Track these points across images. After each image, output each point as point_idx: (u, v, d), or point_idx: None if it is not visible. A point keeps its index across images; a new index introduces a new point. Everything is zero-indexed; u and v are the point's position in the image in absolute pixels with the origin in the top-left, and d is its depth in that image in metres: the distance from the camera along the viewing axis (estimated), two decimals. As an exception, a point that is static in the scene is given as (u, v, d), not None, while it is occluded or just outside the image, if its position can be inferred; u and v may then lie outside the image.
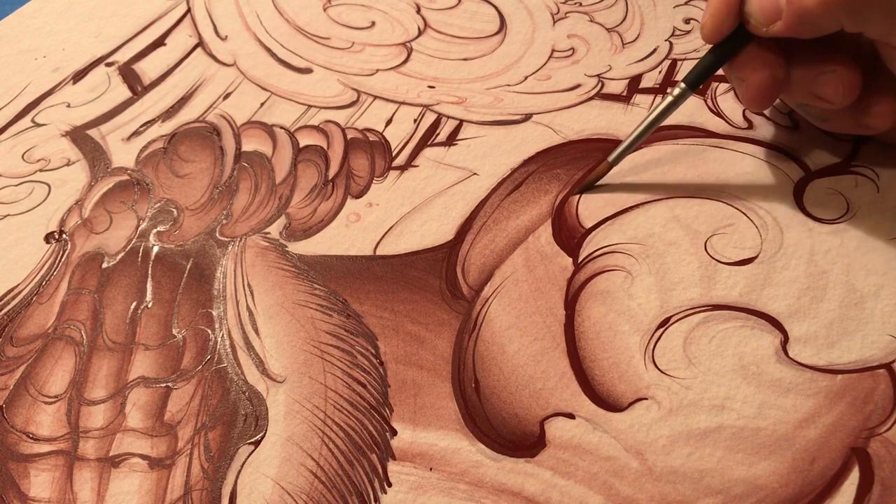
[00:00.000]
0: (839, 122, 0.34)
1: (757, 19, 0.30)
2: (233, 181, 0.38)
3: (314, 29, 0.45)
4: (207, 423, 0.31)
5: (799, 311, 0.32)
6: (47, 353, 0.33)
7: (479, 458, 0.29)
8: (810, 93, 0.32)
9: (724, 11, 0.31)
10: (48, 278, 0.35)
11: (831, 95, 0.31)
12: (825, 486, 0.28)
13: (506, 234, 0.35)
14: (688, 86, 0.33)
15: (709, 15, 0.31)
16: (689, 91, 0.33)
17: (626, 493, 0.28)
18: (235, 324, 0.33)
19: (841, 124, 0.34)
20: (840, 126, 0.34)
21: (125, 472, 0.30)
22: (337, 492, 0.29)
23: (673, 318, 0.32)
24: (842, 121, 0.33)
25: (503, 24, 0.44)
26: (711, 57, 0.32)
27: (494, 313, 0.33)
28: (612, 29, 0.43)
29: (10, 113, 0.42)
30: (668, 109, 0.34)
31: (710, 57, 0.32)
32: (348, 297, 0.34)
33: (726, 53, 0.32)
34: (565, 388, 0.31)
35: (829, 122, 0.34)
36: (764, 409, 0.29)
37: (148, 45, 0.45)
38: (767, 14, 0.30)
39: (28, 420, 0.31)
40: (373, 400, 0.31)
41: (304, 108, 0.41)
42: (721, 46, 0.32)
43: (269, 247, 0.36)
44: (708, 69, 0.33)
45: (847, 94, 0.31)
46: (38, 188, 0.39)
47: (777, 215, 0.34)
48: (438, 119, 0.40)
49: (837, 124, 0.34)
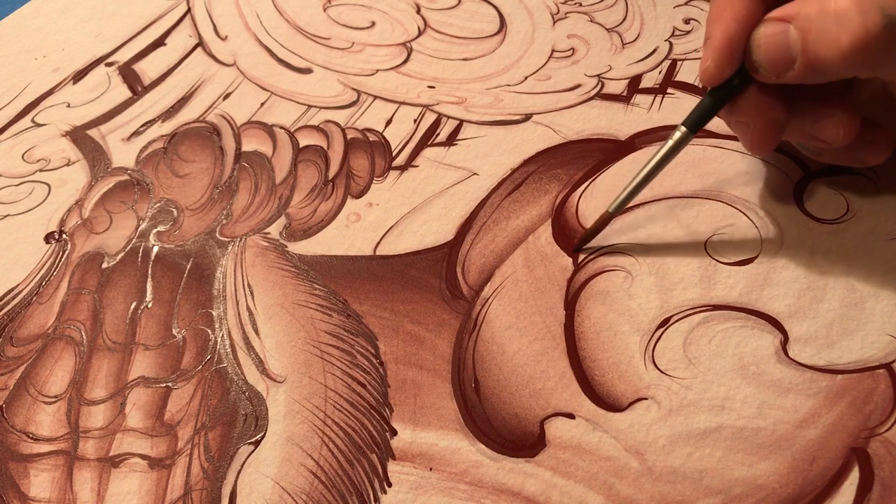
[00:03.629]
0: (834, 156, 0.33)
1: (766, 69, 0.29)
2: (233, 181, 0.38)
3: (314, 29, 0.45)
4: (207, 423, 0.31)
5: (799, 311, 0.32)
6: (47, 353, 0.33)
7: (479, 458, 0.29)
8: (809, 135, 0.31)
9: (727, 56, 0.30)
10: (48, 278, 0.35)
11: (831, 138, 0.31)
12: (825, 486, 0.28)
13: (506, 234, 0.35)
14: (688, 129, 0.32)
15: (711, 58, 0.30)
16: (689, 135, 0.32)
17: (626, 493, 0.28)
18: (235, 324, 0.33)
19: (836, 158, 0.33)
20: (835, 159, 0.33)
21: (125, 472, 0.30)
22: (337, 492, 0.29)
23: (673, 318, 0.32)
24: (838, 155, 0.33)
25: (503, 24, 0.44)
26: (710, 100, 0.31)
27: (494, 313, 0.33)
28: (612, 29, 0.43)
29: (10, 113, 0.42)
30: (669, 155, 0.32)
31: (709, 100, 0.31)
32: (348, 297, 0.34)
33: (726, 95, 0.31)
34: (565, 388, 0.31)
35: (825, 157, 0.33)
36: (764, 409, 0.29)
37: (148, 45, 0.45)
38: (778, 64, 0.29)
39: (28, 420, 0.31)
40: (373, 400, 0.31)
41: (304, 108, 0.41)
42: (720, 89, 0.31)
43: (269, 247, 0.36)
44: (708, 112, 0.31)
45: (846, 136, 0.30)
46: (38, 188, 0.39)
47: (777, 215, 0.34)
48: (438, 119, 0.40)
49: (832, 158, 0.33)
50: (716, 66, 0.30)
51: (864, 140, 0.31)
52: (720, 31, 0.30)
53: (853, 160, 0.33)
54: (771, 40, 0.29)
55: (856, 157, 0.33)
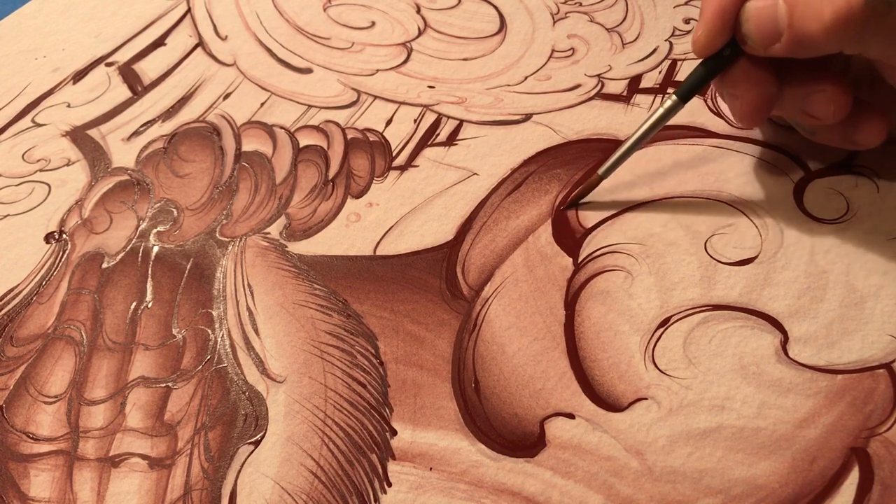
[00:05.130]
0: (828, 136, 0.33)
1: (755, 41, 0.30)
2: (233, 181, 0.38)
3: (314, 29, 0.45)
4: (207, 423, 0.31)
5: (799, 311, 0.32)
6: (47, 353, 0.33)
7: (478, 458, 0.29)
8: (801, 110, 0.32)
9: (718, 26, 0.30)
10: (48, 278, 0.35)
11: (821, 113, 0.31)
12: (825, 486, 0.28)
13: (506, 234, 0.35)
14: (679, 98, 0.33)
15: (702, 29, 0.31)
16: (680, 104, 0.33)
17: (626, 493, 0.28)
18: (235, 324, 0.33)
19: (830, 138, 0.34)
20: (828, 140, 0.34)
21: (125, 472, 0.30)
22: (337, 492, 0.29)
23: (673, 318, 0.32)
24: (831, 135, 0.33)
25: (503, 24, 0.44)
26: (703, 70, 0.32)
27: (494, 313, 0.33)
28: (612, 29, 0.43)
29: (10, 113, 0.42)
30: (660, 121, 0.33)
31: (701, 70, 0.32)
32: (348, 297, 0.34)
33: (718, 66, 0.32)
34: (565, 388, 0.31)
35: (818, 136, 0.34)
36: (764, 409, 0.29)
37: (148, 45, 0.45)
38: (766, 36, 0.30)
39: (28, 420, 0.31)
40: (373, 400, 0.31)
41: (304, 108, 0.41)
42: (713, 60, 0.32)
43: (269, 247, 0.36)
44: (699, 82, 0.32)
45: (837, 112, 0.31)
46: (38, 188, 0.39)
47: (777, 215, 0.34)
48: (438, 119, 0.40)
49: (826, 138, 0.34)
50: (707, 36, 0.31)
51: (857, 121, 0.32)
52: (712, 3, 0.31)
53: (847, 142, 0.33)
54: (760, 13, 0.30)
55: (850, 139, 0.33)
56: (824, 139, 0.34)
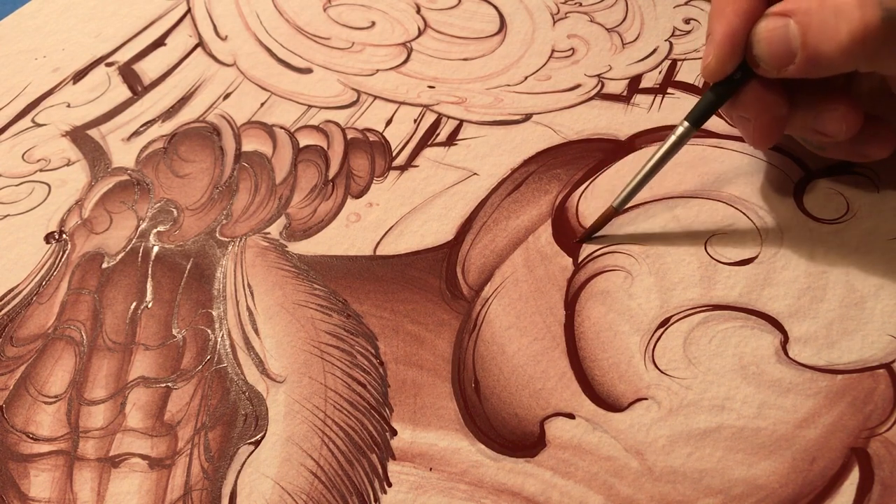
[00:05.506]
0: (838, 151, 0.33)
1: (768, 63, 0.29)
2: (233, 181, 0.38)
3: (314, 29, 0.45)
4: (207, 423, 0.31)
5: (799, 311, 0.32)
6: (47, 353, 0.33)
7: (479, 458, 0.29)
8: (812, 129, 0.31)
9: (728, 50, 0.30)
10: (48, 278, 0.35)
11: (834, 131, 0.31)
12: (825, 486, 0.28)
13: (506, 234, 0.35)
14: (691, 124, 0.32)
15: (712, 53, 0.30)
16: (692, 130, 0.32)
17: (626, 493, 0.28)
18: (235, 324, 0.33)
19: (839, 153, 0.33)
20: (838, 154, 0.33)
21: (125, 472, 0.30)
22: (337, 492, 0.29)
23: (673, 319, 0.32)
24: (840, 150, 0.33)
25: (503, 24, 0.44)
26: (713, 95, 0.31)
27: (494, 313, 0.33)
28: (612, 29, 0.43)
29: (10, 113, 0.42)
30: (673, 149, 0.32)
31: (711, 95, 0.31)
32: (348, 297, 0.34)
33: (729, 91, 0.31)
34: (565, 388, 0.31)
35: (828, 151, 0.33)
36: (764, 409, 0.29)
37: (148, 45, 0.45)
38: (779, 58, 0.29)
39: (28, 420, 0.31)
40: (373, 400, 0.31)
41: (304, 108, 0.41)
42: (723, 84, 0.31)
43: (269, 247, 0.36)
44: (710, 107, 0.32)
45: (850, 129, 0.30)
46: (38, 188, 0.39)
47: (777, 215, 0.34)
48: (438, 119, 0.40)
49: (835, 152, 0.33)
50: (717, 61, 0.30)
51: (867, 134, 0.32)
52: (722, 27, 0.30)
53: (857, 155, 0.33)
54: (771, 35, 0.29)
55: (859, 152, 0.33)
56: (834, 154, 0.33)
